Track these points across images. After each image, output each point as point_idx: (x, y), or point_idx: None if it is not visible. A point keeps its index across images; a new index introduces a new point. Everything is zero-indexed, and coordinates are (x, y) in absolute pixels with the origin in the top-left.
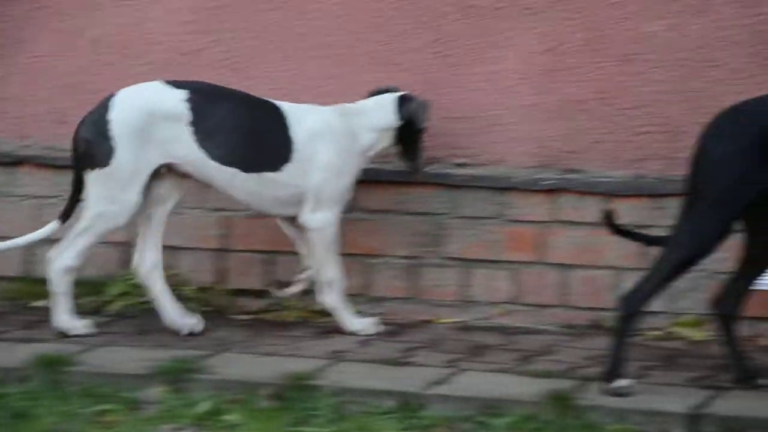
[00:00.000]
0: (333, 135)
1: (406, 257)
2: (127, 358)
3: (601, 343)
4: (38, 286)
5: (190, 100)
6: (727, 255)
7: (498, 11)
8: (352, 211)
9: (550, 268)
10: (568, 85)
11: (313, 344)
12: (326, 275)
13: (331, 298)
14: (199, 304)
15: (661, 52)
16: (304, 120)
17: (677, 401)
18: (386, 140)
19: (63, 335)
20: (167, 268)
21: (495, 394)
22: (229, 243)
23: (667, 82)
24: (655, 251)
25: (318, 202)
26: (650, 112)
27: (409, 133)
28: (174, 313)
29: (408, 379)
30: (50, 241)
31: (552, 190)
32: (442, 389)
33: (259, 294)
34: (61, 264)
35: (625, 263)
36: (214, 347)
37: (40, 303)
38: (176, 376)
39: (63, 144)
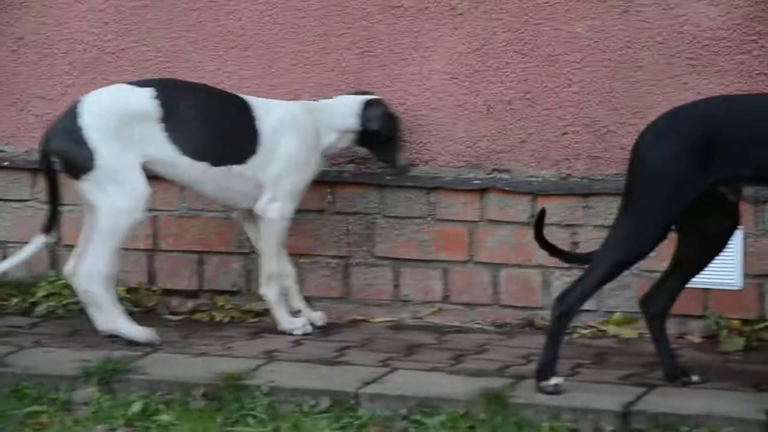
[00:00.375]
0: (297, 129)
1: (337, 257)
2: (58, 359)
3: (533, 342)
4: None
5: (158, 97)
6: (655, 254)
7: (423, 11)
8: None
9: (481, 267)
10: (494, 86)
11: (245, 344)
12: (268, 268)
13: (268, 291)
14: (129, 305)
15: (585, 52)
16: (270, 113)
17: (609, 398)
18: (346, 141)
19: (133, 343)
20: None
21: (429, 392)
22: (159, 243)
23: (591, 82)
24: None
25: (276, 193)
26: (575, 112)
27: (374, 138)
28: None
29: (342, 379)
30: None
31: (480, 190)
32: (376, 388)
33: (190, 294)
34: (97, 276)
35: (554, 262)
36: (145, 347)
37: None
38: (108, 376)
39: None
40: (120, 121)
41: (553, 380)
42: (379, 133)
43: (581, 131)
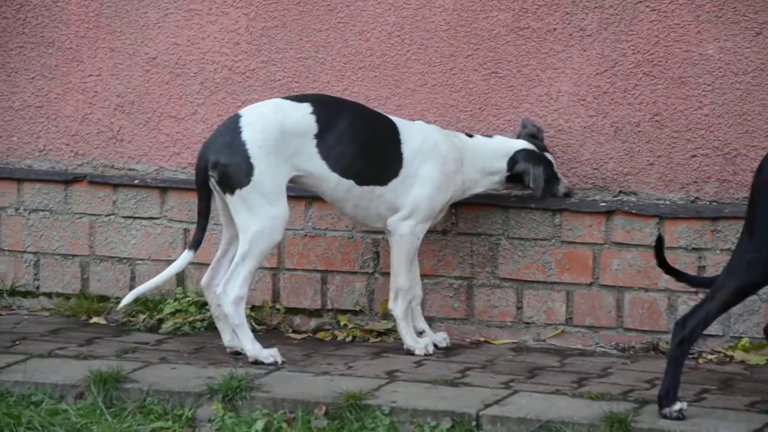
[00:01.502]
0: (437, 155)
1: (460, 278)
2: (183, 375)
3: (657, 366)
4: (94, 302)
5: (314, 112)
6: None
7: (551, 32)
8: None
9: (605, 290)
10: (622, 107)
11: (367, 363)
12: (396, 283)
13: (395, 307)
14: (253, 323)
15: (716, 74)
16: (413, 136)
17: (735, 425)
18: (490, 183)
19: (258, 363)
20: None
21: (551, 415)
22: (283, 262)
23: (722, 105)
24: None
25: (410, 212)
26: (705, 134)
27: (524, 179)
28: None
29: (463, 400)
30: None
31: (606, 212)
32: (498, 410)
33: (313, 313)
34: (232, 296)
35: (680, 286)
36: (268, 366)
37: (96, 319)
38: (232, 394)
39: (118, 162)
40: (279, 135)
41: (677, 405)
42: (528, 175)
43: (710, 154)
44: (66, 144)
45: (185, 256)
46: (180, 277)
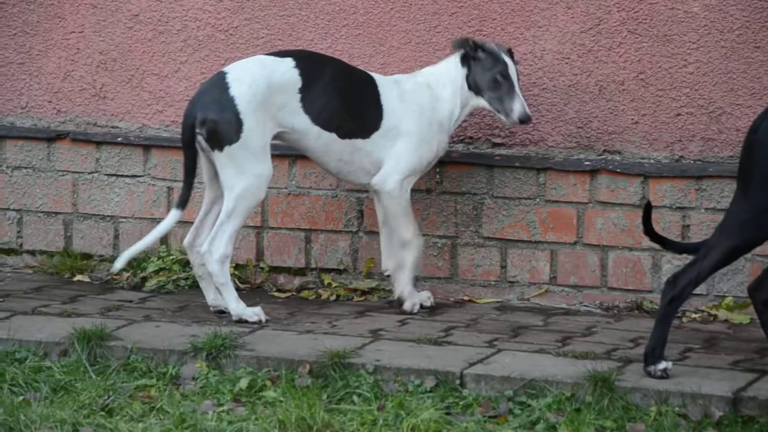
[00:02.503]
0: (415, 105)
1: (444, 237)
2: (167, 333)
3: (641, 325)
4: (78, 260)
5: (298, 66)
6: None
7: None
8: None
9: (589, 249)
10: (607, 66)
11: (351, 322)
12: (404, 236)
13: (408, 260)
14: (237, 282)
15: (701, 32)
16: (391, 89)
17: (719, 384)
18: (461, 103)
19: (242, 322)
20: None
21: (535, 374)
22: (267, 221)
23: (707, 62)
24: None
25: (395, 167)
26: (690, 93)
27: (482, 83)
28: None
29: (447, 359)
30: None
31: (591, 171)
32: (482, 369)
33: (297, 272)
34: (217, 255)
35: None
36: (252, 324)
37: (80, 277)
38: (216, 352)
39: (101, 120)
40: (267, 90)
41: (662, 364)
42: (482, 71)
43: (695, 113)
44: (48, 101)
45: (173, 215)
46: (164, 235)
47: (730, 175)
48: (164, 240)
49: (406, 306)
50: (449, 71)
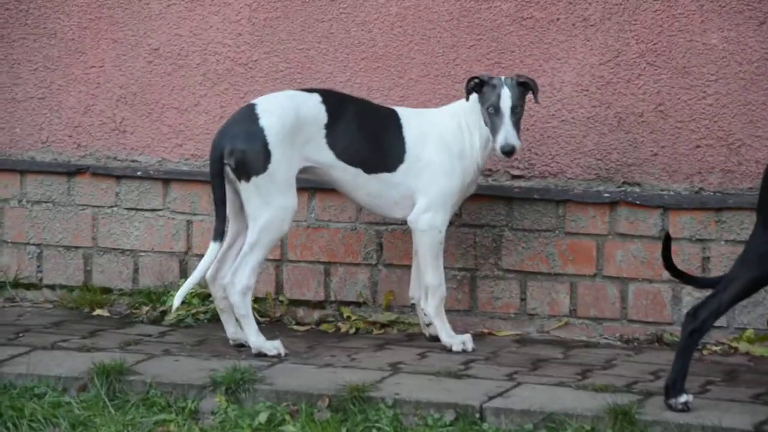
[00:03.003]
0: (437, 135)
1: (464, 269)
2: (186, 368)
3: (661, 358)
4: (98, 294)
5: (324, 102)
6: None
7: (554, 23)
8: (406, 224)
9: (609, 281)
10: (626, 98)
11: (370, 355)
12: (428, 281)
13: (430, 305)
14: (257, 315)
15: (719, 64)
16: (414, 121)
17: (740, 417)
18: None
19: (261, 355)
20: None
21: (555, 407)
22: (286, 254)
23: (726, 94)
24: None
25: (425, 203)
26: (709, 125)
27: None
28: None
29: (467, 392)
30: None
31: (610, 203)
32: (501, 402)
33: (316, 305)
34: (240, 286)
35: None
36: (271, 358)
37: (99, 312)
38: (235, 386)
39: (121, 154)
40: (294, 123)
41: (683, 398)
42: (483, 107)
43: (715, 144)
44: (69, 135)
45: (212, 249)
46: (183, 269)
47: (749, 207)
48: (184, 274)
49: (455, 349)
50: (472, 103)
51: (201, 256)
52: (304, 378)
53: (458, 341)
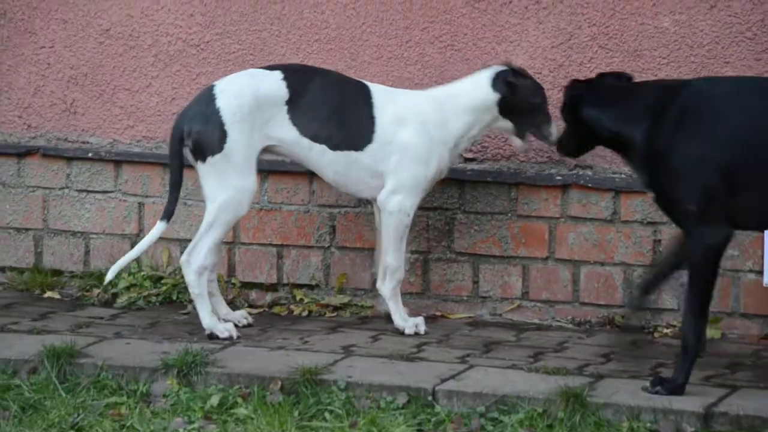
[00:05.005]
0: (416, 120)
1: (416, 252)
2: (138, 350)
3: (612, 341)
4: (48, 276)
5: (286, 78)
6: (739, 253)
7: (507, 5)
8: (359, 206)
9: (561, 264)
10: None
11: (323, 338)
12: (388, 262)
13: (386, 286)
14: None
15: (671, 47)
16: (391, 102)
17: (691, 399)
18: (482, 123)
19: (213, 337)
20: (177, 261)
21: (507, 390)
22: (239, 236)
23: (677, 77)
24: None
25: (396, 185)
26: None
27: (517, 108)
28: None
29: (419, 375)
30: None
31: (563, 186)
32: (454, 385)
33: (269, 288)
34: (195, 266)
35: (635, 260)
36: (223, 340)
37: (50, 294)
38: (186, 369)
39: (72, 135)
40: (253, 102)
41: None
42: (522, 98)
43: None
44: (19, 116)
45: (158, 227)
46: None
47: None
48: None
49: (408, 332)
50: (474, 90)
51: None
52: (257, 361)
53: (411, 324)
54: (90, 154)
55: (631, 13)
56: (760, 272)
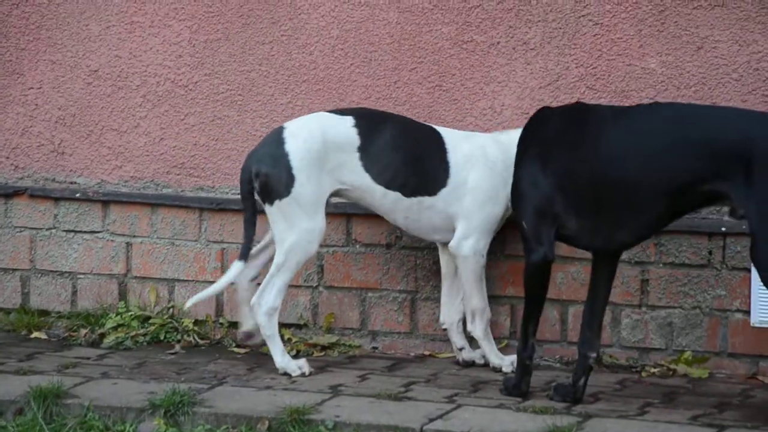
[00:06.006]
0: (485, 161)
1: (404, 291)
2: (125, 390)
3: (600, 380)
4: (35, 317)
5: (357, 125)
6: (726, 293)
7: (495, 46)
8: (347, 245)
9: (549, 303)
10: None
11: (311, 378)
12: (474, 305)
13: (477, 328)
14: (197, 337)
15: (658, 88)
16: (460, 145)
17: None
18: None
19: (287, 376)
20: (165, 301)
21: (495, 429)
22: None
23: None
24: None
25: (467, 229)
26: None
27: None
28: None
29: (407, 414)
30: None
31: None
32: (442, 425)
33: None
34: (266, 307)
35: (623, 299)
36: (210, 380)
37: (37, 334)
38: (174, 409)
39: (59, 175)
40: (321, 148)
41: None
42: None
43: None
44: (6, 157)
45: (235, 266)
46: (122, 291)
47: (687, 231)
48: (123, 296)
49: (505, 369)
50: None
51: (140, 278)
52: (244, 401)
53: (508, 362)
54: (78, 195)
55: (619, 54)
56: (748, 312)
